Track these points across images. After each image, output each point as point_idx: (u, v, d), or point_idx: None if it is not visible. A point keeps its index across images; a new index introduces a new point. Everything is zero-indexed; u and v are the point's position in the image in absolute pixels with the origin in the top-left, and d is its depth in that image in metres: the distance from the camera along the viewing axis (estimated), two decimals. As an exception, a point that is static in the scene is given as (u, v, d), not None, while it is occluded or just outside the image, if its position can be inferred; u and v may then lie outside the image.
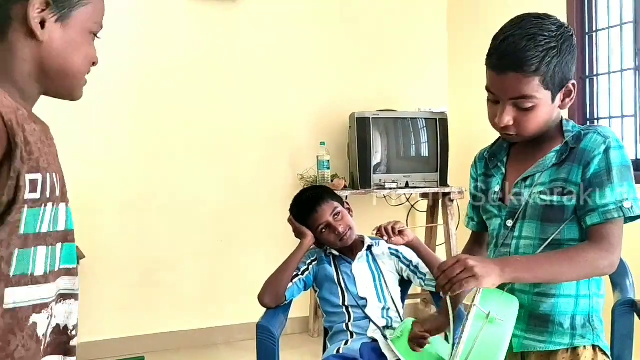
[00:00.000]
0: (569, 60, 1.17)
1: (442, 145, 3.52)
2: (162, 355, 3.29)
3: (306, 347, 3.29)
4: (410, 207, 3.91)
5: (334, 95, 3.73)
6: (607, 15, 2.99)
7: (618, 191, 1.16)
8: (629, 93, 2.88)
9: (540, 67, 1.13)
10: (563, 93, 1.21)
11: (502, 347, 1.08)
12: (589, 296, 1.23)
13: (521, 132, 1.21)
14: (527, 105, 1.17)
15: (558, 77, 1.16)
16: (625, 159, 1.19)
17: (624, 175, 1.17)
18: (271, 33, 3.62)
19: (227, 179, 3.54)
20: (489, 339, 1.08)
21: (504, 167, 1.33)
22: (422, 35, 3.98)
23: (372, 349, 1.79)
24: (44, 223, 0.89)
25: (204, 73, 3.47)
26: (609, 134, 1.20)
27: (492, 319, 1.09)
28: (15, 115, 0.84)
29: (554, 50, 1.14)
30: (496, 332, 1.09)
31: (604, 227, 1.16)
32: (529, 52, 1.12)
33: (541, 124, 1.21)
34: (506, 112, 1.18)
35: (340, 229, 1.90)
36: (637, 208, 1.17)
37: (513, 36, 1.14)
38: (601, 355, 1.23)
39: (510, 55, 1.14)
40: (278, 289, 1.88)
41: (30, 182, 0.85)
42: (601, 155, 1.17)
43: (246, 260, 3.52)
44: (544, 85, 1.16)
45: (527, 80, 1.14)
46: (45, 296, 0.90)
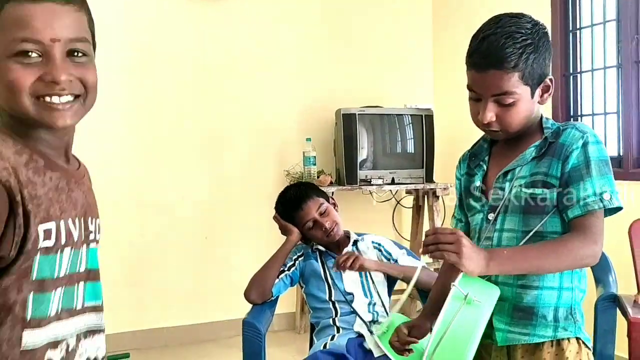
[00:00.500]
0: (545, 56, 1.22)
1: (428, 142, 3.53)
2: (148, 353, 3.27)
3: (292, 344, 3.29)
4: (395, 203, 3.93)
5: (320, 92, 3.73)
6: (591, 13, 3.02)
7: (597, 184, 1.19)
8: (611, 90, 2.91)
9: (519, 63, 1.18)
10: (541, 88, 1.25)
11: (478, 329, 1.10)
12: (571, 289, 1.25)
13: (504, 127, 1.24)
14: (508, 101, 1.21)
15: (536, 72, 1.21)
16: (603, 154, 1.22)
17: (602, 169, 1.20)
18: (257, 30, 3.60)
19: (213, 175, 3.52)
20: (465, 320, 1.10)
21: (485, 165, 1.36)
22: (407, 32, 3.99)
23: (358, 344, 1.80)
24: (62, 267, 0.91)
25: (189, 70, 3.45)
26: (586, 130, 1.23)
27: (469, 300, 1.11)
28: (16, 173, 0.84)
29: (530, 47, 1.19)
30: (473, 313, 1.10)
31: (586, 219, 1.19)
32: (508, 50, 1.17)
33: (522, 119, 1.24)
34: (488, 109, 1.22)
35: (327, 225, 1.91)
36: (616, 200, 1.20)
37: (492, 35, 1.19)
38: (584, 348, 1.25)
39: (491, 54, 1.18)
40: (264, 285, 1.88)
41: (44, 231, 0.86)
42: (579, 150, 1.21)
43: (232, 257, 3.51)
44: (524, 81, 1.20)
45: (508, 76, 1.18)
46: (61, 334, 0.92)
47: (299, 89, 3.70)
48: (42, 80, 0.88)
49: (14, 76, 0.87)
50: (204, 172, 3.50)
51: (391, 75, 3.92)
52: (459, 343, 1.09)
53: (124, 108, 3.31)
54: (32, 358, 0.87)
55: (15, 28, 0.86)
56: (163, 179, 3.41)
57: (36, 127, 0.92)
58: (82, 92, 0.94)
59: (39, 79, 0.88)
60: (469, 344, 1.09)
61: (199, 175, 3.50)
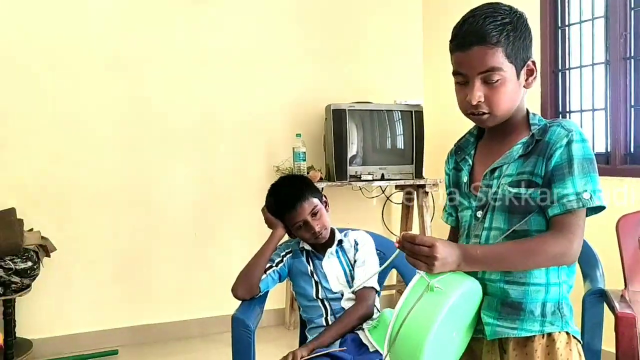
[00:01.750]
0: (525, 36, 1.24)
1: (418, 138, 3.54)
2: (137, 349, 3.26)
3: (282, 340, 3.29)
4: (385, 199, 3.94)
5: (310, 87, 3.72)
6: (579, 10, 3.04)
7: (578, 183, 1.19)
8: (599, 87, 2.93)
9: (501, 39, 1.20)
10: (526, 71, 1.26)
11: (439, 314, 1.09)
12: (559, 284, 1.26)
13: (493, 109, 1.24)
14: (495, 78, 1.21)
15: (518, 50, 1.23)
16: (587, 152, 1.22)
17: (585, 168, 1.20)
18: (247, 25, 3.59)
19: (202, 171, 3.51)
20: (426, 306, 1.10)
21: (471, 160, 1.36)
22: (397, 27, 3.99)
23: (352, 339, 1.81)
24: None
25: (178, 65, 3.43)
26: (572, 128, 1.23)
27: (432, 287, 1.11)
28: None
29: (510, 25, 1.21)
30: (435, 300, 1.10)
31: (564, 218, 1.19)
32: (489, 26, 1.20)
33: (509, 101, 1.25)
34: (476, 88, 1.22)
35: (317, 229, 1.89)
36: (597, 199, 1.19)
37: (471, 17, 1.23)
38: (573, 341, 1.26)
39: (472, 31, 1.21)
40: (251, 281, 1.87)
41: None
42: (563, 148, 1.20)
43: (222, 253, 3.50)
44: (508, 58, 1.21)
45: (492, 51, 1.20)
46: None
47: (288, 84, 3.68)
48: None
49: None
50: (194, 168, 3.49)
51: (381, 71, 3.92)
52: (420, 328, 1.09)
53: (112, 104, 3.28)
54: None
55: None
56: (152, 174, 3.39)
57: None
58: None
59: None
60: (430, 328, 1.08)
61: (189, 171, 3.48)
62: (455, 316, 1.15)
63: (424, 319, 1.09)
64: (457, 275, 1.18)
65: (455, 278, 1.17)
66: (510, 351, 1.25)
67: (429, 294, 1.11)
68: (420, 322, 1.09)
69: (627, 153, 2.77)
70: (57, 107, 3.15)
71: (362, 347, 1.78)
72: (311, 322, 1.93)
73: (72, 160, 3.20)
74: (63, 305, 3.18)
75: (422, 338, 1.08)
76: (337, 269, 1.93)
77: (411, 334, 1.09)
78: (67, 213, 3.19)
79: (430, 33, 3.97)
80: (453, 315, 1.13)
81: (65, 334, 3.14)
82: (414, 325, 1.09)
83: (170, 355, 3.22)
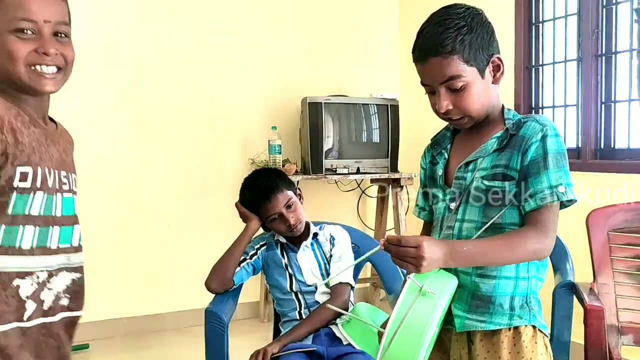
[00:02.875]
0: (483, 34, 1.24)
1: (393, 132, 3.55)
2: (108, 343, 3.22)
3: (256, 332, 3.28)
4: (361, 193, 3.95)
5: (286, 80, 3.70)
6: (553, 7, 3.07)
7: (553, 177, 1.21)
8: (571, 83, 2.97)
9: (455, 46, 1.20)
10: (491, 68, 1.27)
11: (433, 320, 1.11)
12: (527, 278, 1.28)
13: (465, 112, 1.26)
14: (458, 85, 1.22)
15: (477, 51, 1.23)
16: (560, 147, 1.24)
17: (559, 162, 1.22)
18: (223, 17, 3.55)
19: (177, 163, 3.47)
20: (420, 312, 1.11)
21: (447, 153, 1.38)
22: (374, 21, 4.00)
23: (325, 333, 1.81)
24: (33, 207, 1.10)
25: (153, 56, 3.37)
26: (546, 122, 1.25)
27: (424, 292, 1.12)
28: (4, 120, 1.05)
29: (464, 28, 1.21)
30: (428, 305, 1.12)
31: (540, 213, 1.22)
32: (441, 36, 1.21)
33: (479, 102, 1.26)
34: (442, 98, 1.24)
35: (292, 221, 1.88)
36: (570, 193, 1.22)
37: (427, 27, 1.25)
38: (539, 334, 1.28)
39: (426, 44, 1.23)
40: (225, 274, 1.86)
41: (21, 173, 1.07)
42: (538, 143, 1.22)
43: (195, 246, 3.47)
44: (466, 63, 1.22)
45: (447, 61, 1.21)
46: (29, 266, 1.11)
47: (265, 76, 3.66)
48: (35, 52, 1.11)
49: (13, 47, 1.10)
50: (168, 158, 3.44)
51: (357, 64, 3.92)
52: (414, 334, 1.10)
53: (85, 94, 3.22)
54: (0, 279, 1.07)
55: (16, 10, 1.10)
56: (124, 166, 3.34)
57: (24, 92, 1.14)
58: (63, 65, 1.17)
59: (33, 51, 1.11)
60: (424, 335, 1.10)
61: (163, 163, 3.44)
62: (441, 315, 1.18)
63: (419, 325, 1.11)
64: (442, 275, 1.20)
65: (442, 279, 1.19)
66: (478, 342, 1.28)
67: (422, 298, 1.12)
68: (415, 329, 1.11)
69: (597, 148, 2.82)
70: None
71: (335, 341, 1.78)
72: (285, 315, 1.92)
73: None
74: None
75: (418, 344, 1.10)
76: (312, 262, 1.93)
77: (407, 340, 1.11)
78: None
79: (406, 27, 3.98)
80: (441, 316, 1.16)
81: (34, 328, 3.10)
82: (409, 331, 1.11)
83: (143, 349, 3.19)
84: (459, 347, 1.31)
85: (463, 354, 1.30)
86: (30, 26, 1.10)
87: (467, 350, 1.30)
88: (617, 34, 2.76)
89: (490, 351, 1.27)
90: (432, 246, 1.15)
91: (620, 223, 1.93)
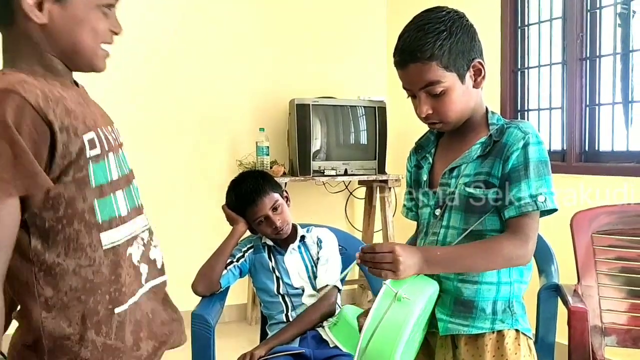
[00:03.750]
0: (463, 39, 1.23)
1: (381, 134, 3.56)
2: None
3: (243, 335, 3.27)
4: (348, 194, 3.95)
5: (274, 81, 3.70)
6: (538, 10, 3.10)
7: (534, 185, 1.21)
8: (556, 86, 3.00)
9: (434, 51, 1.20)
10: (472, 73, 1.26)
11: (407, 325, 1.12)
12: (510, 283, 1.29)
13: (443, 118, 1.26)
14: (438, 91, 1.23)
15: (457, 57, 1.22)
16: (542, 155, 1.24)
17: (540, 171, 1.22)
18: (211, 18, 3.54)
19: (162, 164, 3.45)
20: (394, 317, 1.12)
21: (431, 158, 1.38)
22: (362, 23, 4.01)
23: (312, 336, 1.81)
24: (113, 171, 1.06)
25: (139, 55, 3.35)
26: (528, 130, 1.24)
27: (399, 297, 1.13)
28: (42, 93, 0.94)
29: (443, 34, 1.21)
30: (402, 310, 1.13)
31: (520, 220, 1.22)
32: (420, 41, 1.21)
33: (459, 107, 1.26)
34: (422, 102, 1.25)
35: (278, 224, 1.88)
36: (550, 202, 1.22)
37: (407, 32, 1.25)
38: (522, 337, 1.29)
39: (406, 49, 1.24)
40: (211, 277, 1.86)
41: (89, 141, 1.00)
42: (519, 151, 1.22)
43: (181, 248, 3.45)
44: (445, 68, 1.22)
45: (426, 67, 1.21)
46: (133, 230, 1.09)
47: (253, 78, 3.65)
48: (111, 30, 1.09)
49: (99, 23, 1.05)
50: (154, 160, 3.42)
51: (345, 66, 3.93)
52: (389, 340, 1.11)
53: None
54: (115, 255, 1.03)
55: None
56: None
57: (78, 68, 1.09)
58: None
59: (109, 29, 1.08)
60: (398, 340, 1.11)
61: (147, 164, 3.41)
62: (420, 320, 1.18)
63: (393, 331, 1.11)
64: (420, 280, 1.20)
65: (419, 284, 1.19)
66: (462, 346, 1.29)
67: (397, 304, 1.13)
68: (389, 334, 1.11)
69: (582, 151, 2.85)
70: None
71: (321, 343, 1.79)
72: (272, 318, 1.92)
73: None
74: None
75: (391, 350, 1.10)
76: (299, 264, 1.93)
77: (381, 345, 1.11)
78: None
79: (394, 29, 3.96)
80: (418, 320, 1.17)
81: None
82: (383, 337, 1.11)
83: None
84: (444, 352, 1.32)
85: (448, 358, 1.31)
86: (114, 2, 1.09)
87: (452, 354, 1.31)
88: (601, 38, 2.79)
89: (474, 355, 1.28)
90: (406, 250, 1.16)
91: (604, 225, 1.95)
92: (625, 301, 1.91)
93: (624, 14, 2.71)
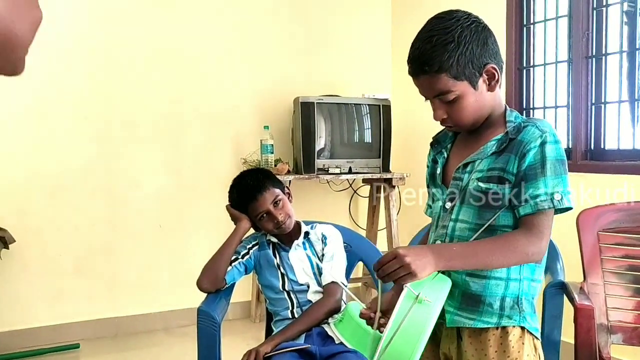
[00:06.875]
0: (472, 47, 1.22)
1: (385, 132, 3.56)
2: (99, 343, 3.20)
3: (248, 332, 3.28)
4: (352, 193, 3.95)
5: (278, 79, 3.70)
6: (544, 8, 3.09)
7: (550, 183, 1.21)
8: (562, 84, 2.99)
9: (442, 64, 1.20)
10: (485, 78, 1.26)
11: (428, 327, 1.13)
12: (519, 280, 1.29)
13: (457, 122, 1.28)
14: (450, 98, 1.24)
15: (467, 66, 1.22)
16: (559, 154, 1.24)
17: (557, 169, 1.22)
18: (215, 16, 3.54)
19: (168, 162, 3.46)
20: (416, 319, 1.13)
21: (447, 153, 1.39)
22: (367, 21, 4.00)
23: (317, 332, 1.81)
24: None
25: (145, 55, 3.36)
26: (546, 128, 1.24)
27: (420, 299, 1.14)
28: None
29: (451, 45, 1.20)
30: (424, 312, 1.14)
31: (535, 217, 1.22)
32: (427, 54, 1.21)
33: (472, 113, 1.27)
34: (436, 108, 1.27)
35: (280, 218, 1.88)
36: (566, 200, 1.23)
37: (418, 42, 1.24)
38: (528, 335, 1.29)
39: (415, 61, 1.24)
40: (216, 274, 1.86)
41: None
42: (537, 149, 1.22)
43: (187, 245, 3.46)
44: (455, 78, 1.22)
45: (435, 79, 1.22)
46: None
47: (257, 76, 3.65)
48: None
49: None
50: (160, 158, 3.43)
51: (350, 64, 3.92)
52: (409, 341, 1.12)
53: (76, 93, 3.20)
54: None
55: None
56: (116, 165, 3.32)
57: None
58: None
59: None
60: (419, 342, 1.12)
61: (154, 162, 3.43)
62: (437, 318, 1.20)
63: (414, 332, 1.13)
64: (438, 280, 1.21)
65: (438, 285, 1.20)
66: (466, 338, 1.30)
67: (417, 306, 1.14)
68: (410, 336, 1.13)
69: (587, 149, 2.84)
70: (17, 91, 3.06)
71: (327, 340, 1.79)
72: (277, 314, 1.92)
73: (32, 150, 3.11)
74: (21, 298, 3.10)
75: (412, 351, 1.12)
76: (304, 261, 1.93)
77: (401, 347, 1.13)
78: (27, 203, 3.11)
79: (399, 27, 3.99)
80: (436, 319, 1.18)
81: (24, 328, 3.07)
82: (405, 338, 1.13)
83: (134, 349, 3.17)
84: (448, 342, 1.33)
85: (452, 349, 1.32)
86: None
87: (457, 345, 1.32)
88: (607, 36, 2.78)
89: (477, 348, 1.28)
90: (410, 250, 1.16)
91: (610, 223, 1.95)
92: (632, 299, 1.90)
93: (630, 12, 2.69)
